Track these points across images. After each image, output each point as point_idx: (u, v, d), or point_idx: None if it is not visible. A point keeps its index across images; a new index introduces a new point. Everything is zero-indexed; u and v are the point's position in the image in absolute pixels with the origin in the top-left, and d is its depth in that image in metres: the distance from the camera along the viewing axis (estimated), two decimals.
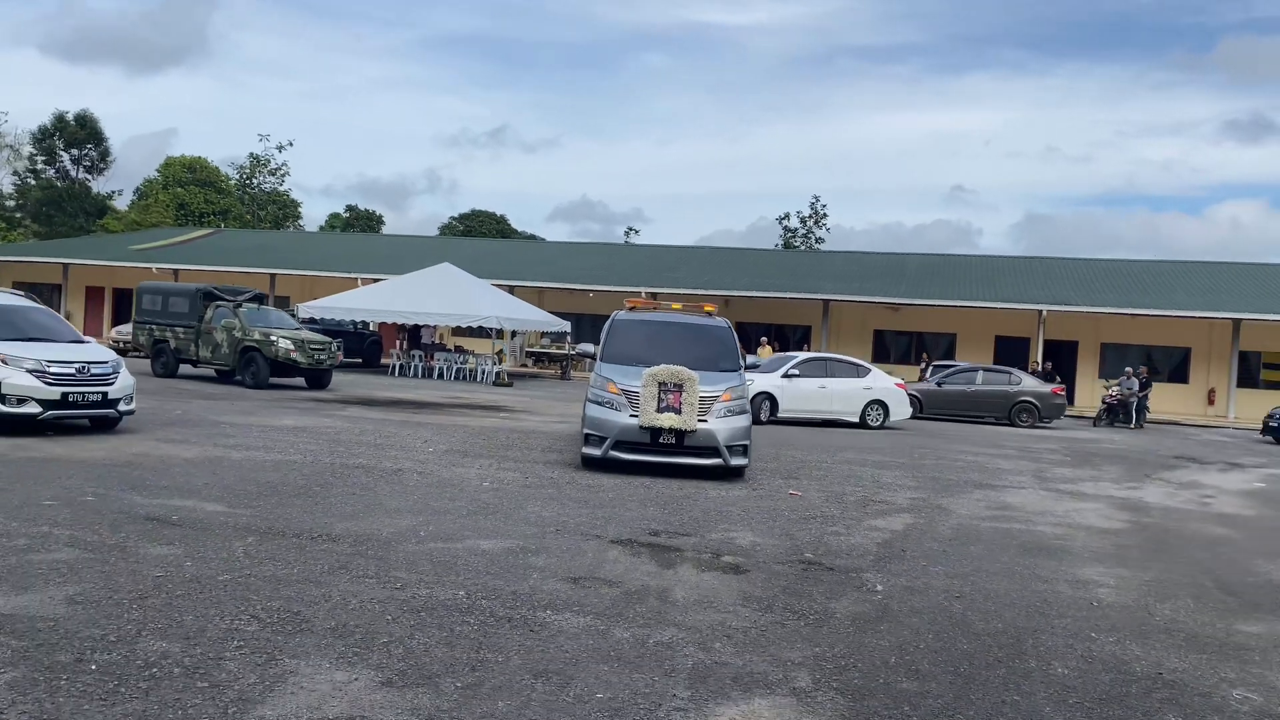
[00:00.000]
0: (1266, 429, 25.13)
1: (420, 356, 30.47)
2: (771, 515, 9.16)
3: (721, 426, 11.00)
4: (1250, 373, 34.60)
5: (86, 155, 74.70)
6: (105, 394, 11.79)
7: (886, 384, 21.22)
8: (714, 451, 10.96)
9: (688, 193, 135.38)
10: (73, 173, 74.42)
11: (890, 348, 37.90)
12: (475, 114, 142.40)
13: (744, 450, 11.25)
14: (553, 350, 38.13)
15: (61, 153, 73.55)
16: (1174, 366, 35.71)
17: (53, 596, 5.21)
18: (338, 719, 3.87)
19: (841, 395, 20.48)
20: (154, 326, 23.11)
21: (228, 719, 3.80)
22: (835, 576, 6.90)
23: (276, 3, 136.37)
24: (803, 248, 72.40)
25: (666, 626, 5.38)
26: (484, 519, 8.08)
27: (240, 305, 22.15)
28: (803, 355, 22.29)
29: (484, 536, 7.38)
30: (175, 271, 43.74)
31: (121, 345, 32.55)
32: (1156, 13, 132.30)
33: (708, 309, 13.23)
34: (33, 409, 11.23)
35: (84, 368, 11.76)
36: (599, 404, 11.18)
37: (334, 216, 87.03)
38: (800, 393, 20.26)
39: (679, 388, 10.85)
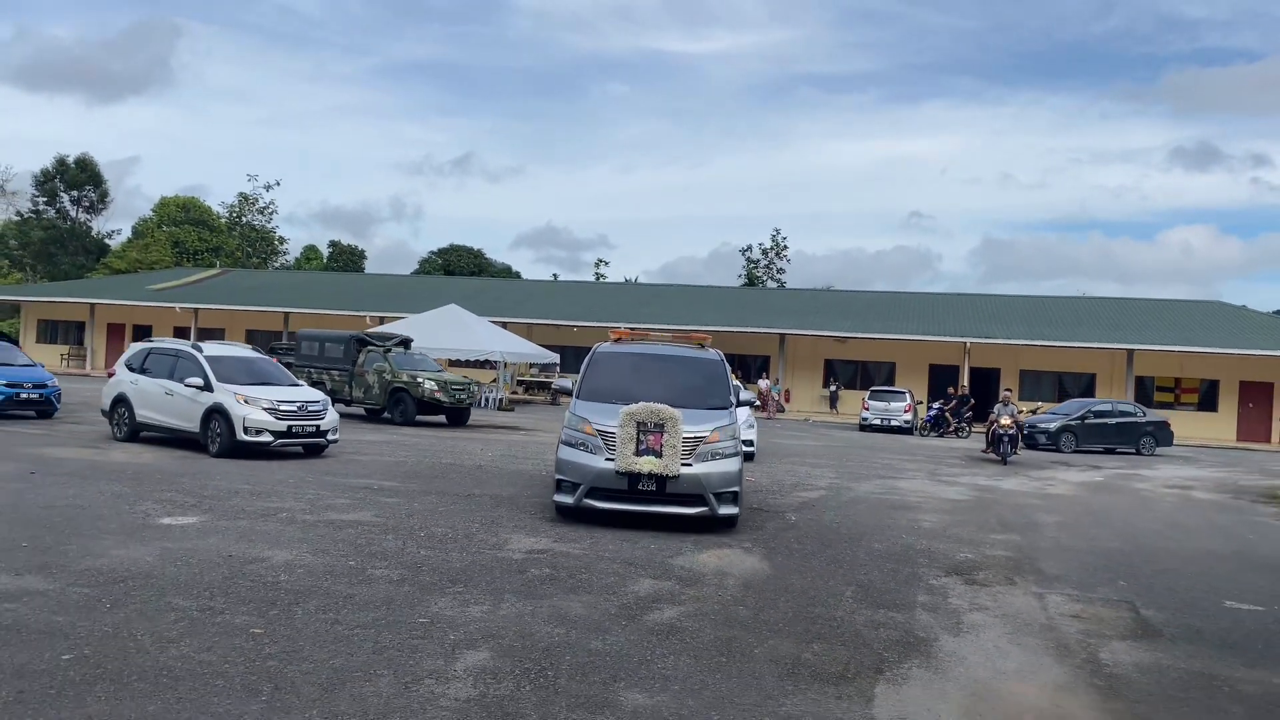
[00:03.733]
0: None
1: None
2: None
3: (708, 471, 10.14)
4: (1147, 394, 40.30)
5: (86, 196, 78.74)
6: (318, 426, 15.18)
7: None
8: (699, 499, 10.14)
9: (651, 219, 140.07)
10: (72, 213, 78.34)
11: (839, 375, 43.28)
12: (438, 141, 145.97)
13: (734, 498, 10.36)
14: (542, 379, 43.06)
15: (62, 194, 77.52)
16: (1082, 390, 41.26)
17: (364, 515, 10.15)
18: (544, 550, 8.84)
19: None
20: (311, 369, 25.11)
21: (502, 549, 8.76)
22: (769, 515, 11.96)
23: (237, 31, 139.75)
24: (765, 278, 77.80)
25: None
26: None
27: (389, 350, 24.70)
28: None
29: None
30: (195, 311, 48.25)
31: None
32: (1105, 43, 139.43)
33: (699, 339, 12.44)
34: (266, 438, 14.48)
35: (303, 405, 15.08)
36: (573, 446, 10.40)
37: (309, 249, 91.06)
38: None
39: (660, 428, 9.99)
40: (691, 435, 10.19)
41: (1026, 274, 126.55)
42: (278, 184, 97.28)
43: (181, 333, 49.89)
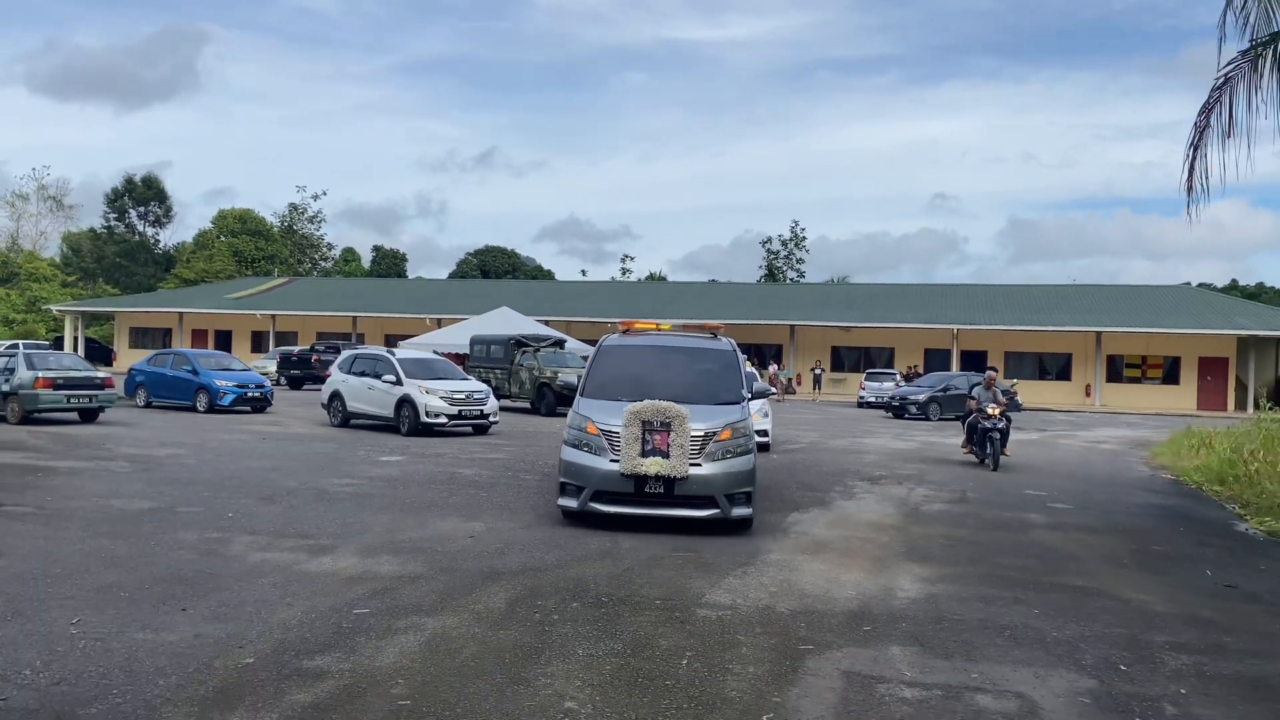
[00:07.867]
0: (889, 407, 32.65)
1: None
2: None
3: (718, 471, 9.78)
4: (1117, 370, 45.67)
5: (151, 211, 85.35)
6: (482, 410, 19.49)
7: None
8: (710, 501, 9.78)
9: (673, 209, 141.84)
10: (140, 228, 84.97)
11: (844, 360, 48.98)
12: (461, 137, 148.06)
13: (747, 498, 10.01)
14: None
15: (130, 210, 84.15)
16: (1060, 368, 46.68)
17: (499, 455, 16.08)
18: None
19: None
20: (481, 369, 28.25)
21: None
22: (759, 457, 17.74)
23: (258, 33, 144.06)
24: (785, 268, 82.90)
25: None
26: None
27: (539, 350, 27.92)
28: None
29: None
30: (273, 316, 54.43)
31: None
32: (1126, 17, 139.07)
33: (711, 328, 12.27)
34: (442, 420, 18.90)
35: (470, 395, 19.26)
36: (576, 447, 10.08)
37: (348, 251, 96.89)
38: None
39: (666, 427, 9.65)
40: (700, 433, 9.83)
41: (1054, 254, 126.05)
42: (324, 194, 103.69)
43: (259, 337, 56.21)
